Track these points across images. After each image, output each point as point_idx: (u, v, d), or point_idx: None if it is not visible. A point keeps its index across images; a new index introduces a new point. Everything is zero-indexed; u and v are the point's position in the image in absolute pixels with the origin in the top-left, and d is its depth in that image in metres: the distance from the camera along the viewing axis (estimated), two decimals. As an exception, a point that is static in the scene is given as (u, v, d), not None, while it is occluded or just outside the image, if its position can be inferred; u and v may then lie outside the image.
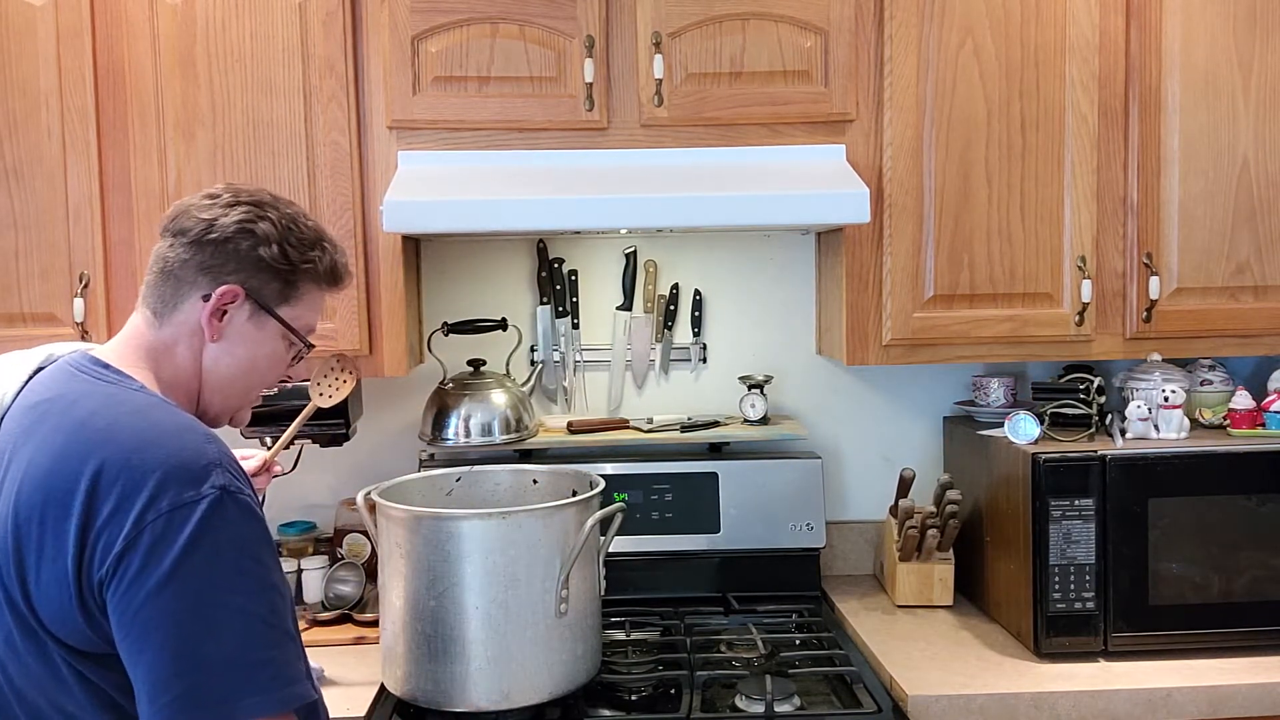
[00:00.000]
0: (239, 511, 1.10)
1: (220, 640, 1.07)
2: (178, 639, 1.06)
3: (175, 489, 1.08)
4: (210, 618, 1.07)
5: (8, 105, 1.97)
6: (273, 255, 1.26)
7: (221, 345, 1.27)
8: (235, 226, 1.25)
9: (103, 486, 1.08)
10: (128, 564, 1.06)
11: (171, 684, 1.05)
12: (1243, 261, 2.08)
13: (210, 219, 1.25)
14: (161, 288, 1.26)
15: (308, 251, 1.30)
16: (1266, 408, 2.04)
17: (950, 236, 2.07)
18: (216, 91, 1.98)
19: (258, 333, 1.28)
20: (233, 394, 1.31)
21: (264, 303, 1.28)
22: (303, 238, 1.30)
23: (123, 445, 1.10)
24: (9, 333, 2.00)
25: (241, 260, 1.26)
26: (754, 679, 1.80)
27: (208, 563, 1.07)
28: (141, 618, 1.06)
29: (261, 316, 1.28)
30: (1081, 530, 1.88)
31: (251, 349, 1.29)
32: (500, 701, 1.65)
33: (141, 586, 1.06)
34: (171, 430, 1.14)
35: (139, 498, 1.07)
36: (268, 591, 1.11)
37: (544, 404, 2.44)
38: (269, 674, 1.08)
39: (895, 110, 2.05)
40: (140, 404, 1.18)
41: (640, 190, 1.90)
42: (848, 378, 2.45)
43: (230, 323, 1.27)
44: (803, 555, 2.28)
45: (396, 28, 1.98)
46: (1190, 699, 1.76)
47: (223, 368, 1.28)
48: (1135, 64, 2.07)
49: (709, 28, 2.01)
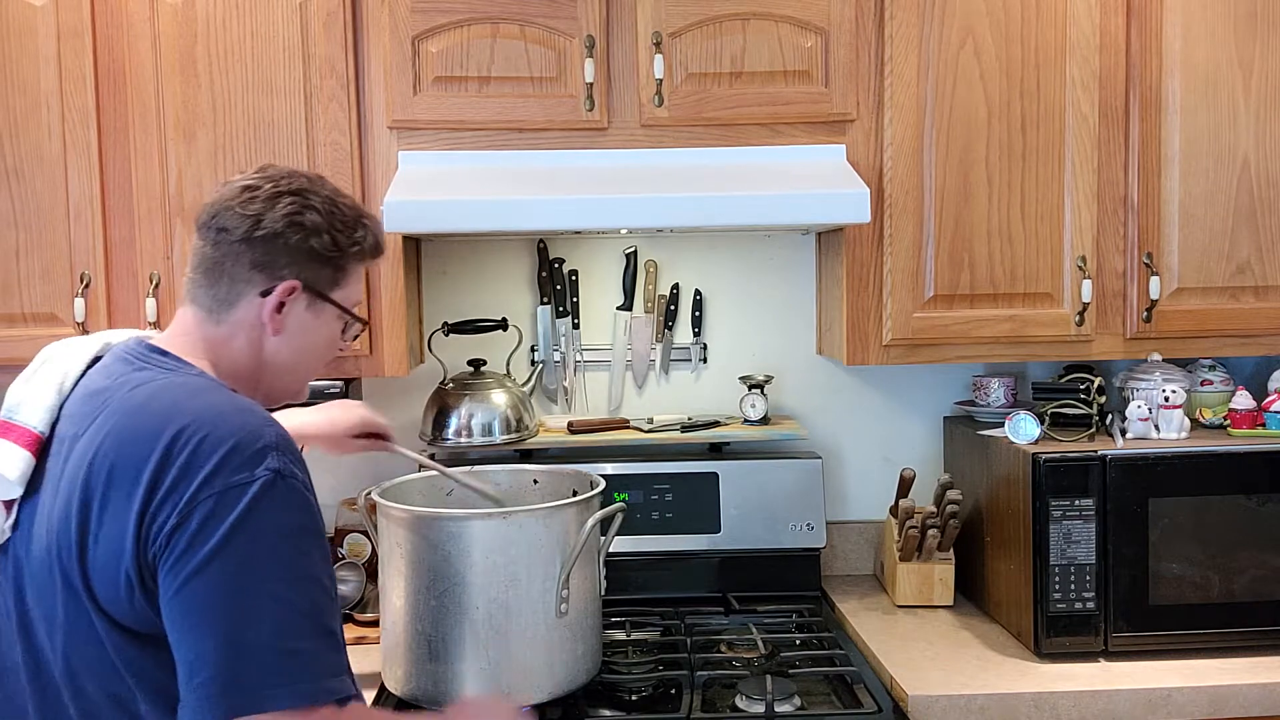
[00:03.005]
0: (289, 497, 1.11)
1: (255, 626, 1.07)
2: (213, 620, 1.07)
3: (230, 468, 1.09)
4: (247, 602, 1.07)
5: (8, 105, 1.98)
6: (324, 245, 1.27)
7: (282, 336, 1.29)
8: (284, 221, 1.25)
9: (171, 457, 1.09)
10: (177, 540, 1.08)
11: (204, 665, 1.06)
12: (1243, 261, 2.08)
13: (255, 214, 1.25)
14: (213, 286, 1.27)
15: (353, 234, 1.31)
16: (1267, 408, 2.04)
17: (950, 236, 2.07)
18: (217, 91, 1.98)
19: (315, 320, 1.31)
20: (296, 379, 1.35)
21: (320, 291, 1.30)
22: (346, 220, 1.31)
23: (188, 421, 1.12)
24: (9, 333, 2.00)
25: (293, 253, 1.27)
26: (754, 679, 1.80)
27: (250, 545, 1.08)
28: (183, 595, 1.07)
29: (319, 304, 1.30)
30: (1082, 530, 1.88)
31: (311, 336, 1.31)
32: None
33: (186, 564, 1.07)
34: (232, 410, 1.15)
35: (198, 474, 1.08)
36: (306, 583, 1.11)
37: (544, 404, 2.44)
38: (300, 665, 1.08)
39: (895, 110, 2.05)
40: (200, 386, 1.20)
41: (640, 190, 1.90)
42: (848, 378, 2.45)
43: (289, 314, 1.28)
44: (803, 555, 2.29)
45: (397, 28, 1.98)
46: (1191, 699, 1.76)
47: (285, 357, 1.30)
48: (1135, 64, 2.06)
49: (709, 28, 2.01)
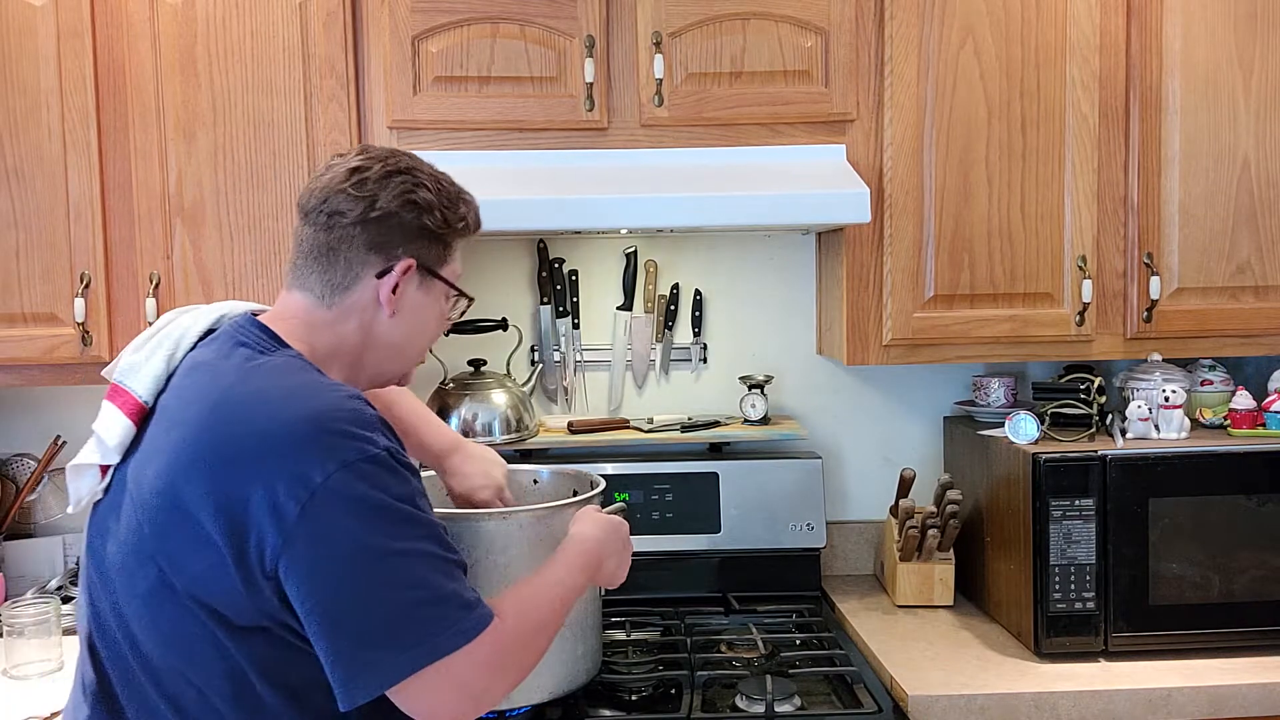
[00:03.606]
0: (373, 476, 1.11)
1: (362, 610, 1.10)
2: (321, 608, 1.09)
3: (312, 457, 1.09)
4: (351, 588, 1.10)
5: (8, 105, 1.98)
6: (435, 222, 1.28)
7: (396, 317, 1.28)
8: (399, 200, 1.26)
9: (245, 458, 1.10)
10: (288, 535, 1.08)
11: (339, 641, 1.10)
12: (1243, 261, 2.08)
13: (370, 196, 1.25)
14: (327, 271, 1.26)
15: (458, 209, 1.32)
16: (1267, 408, 2.04)
17: (950, 236, 2.07)
18: (217, 91, 1.99)
19: (425, 297, 1.31)
20: (405, 360, 1.35)
21: (431, 268, 1.30)
22: (451, 196, 1.32)
23: (261, 419, 1.12)
24: (9, 333, 2.00)
25: (408, 232, 1.27)
26: (754, 679, 1.80)
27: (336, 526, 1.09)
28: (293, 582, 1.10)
29: (430, 282, 1.30)
30: (1082, 530, 1.88)
31: (422, 314, 1.31)
32: (500, 701, 1.65)
33: (287, 552, 1.08)
34: (320, 395, 1.16)
35: (284, 470, 1.09)
36: (397, 558, 1.12)
37: (544, 404, 2.44)
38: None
39: (895, 110, 2.05)
40: (282, 379, 1.19)
41: (640, 190, 1.90)
42: (848, 378, 2.45)
43: (403, 294, 1.28)
44: (803, 555, 2.29)
45: (397, 28, 1.98)
46: (1191, 699, 1.76)
47: (397, 337, 1.30)
48: (1136, 64, 2.07)
49: (709, 27, 2.02)
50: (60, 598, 2.03)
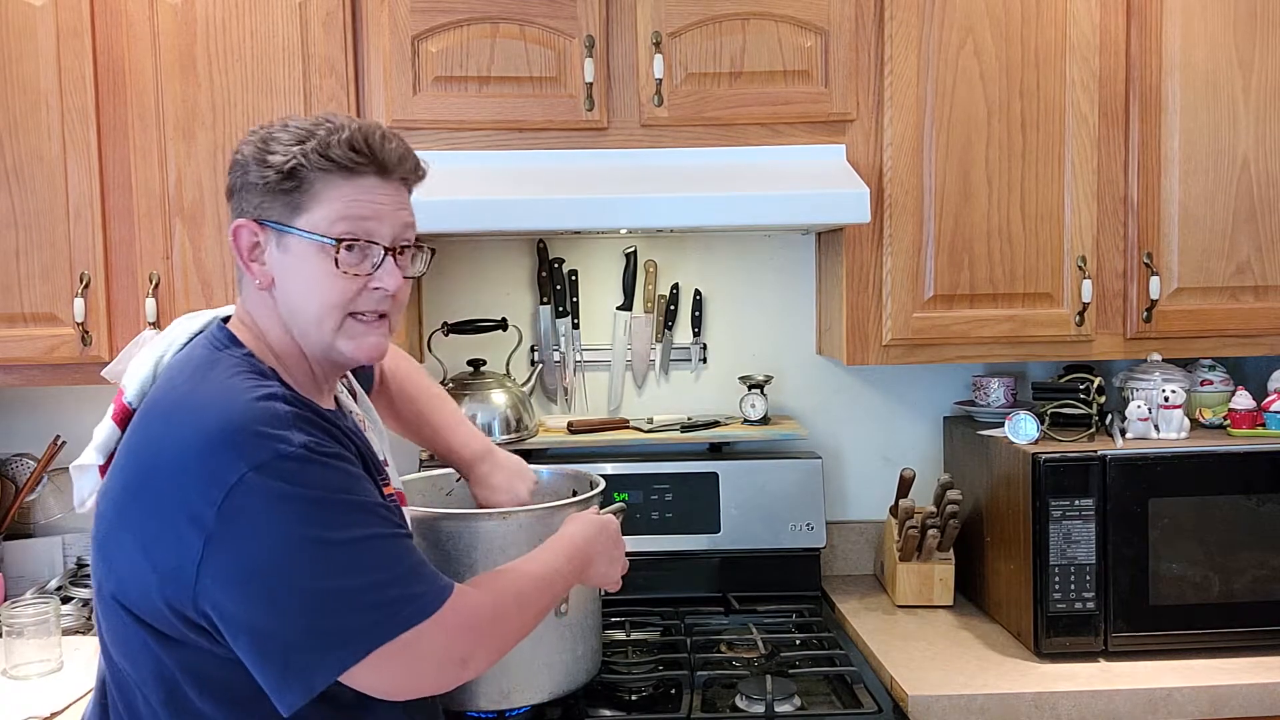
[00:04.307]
0: (291, 475, 1.09)
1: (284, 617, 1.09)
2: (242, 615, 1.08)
3: (229, 464, 1.07)
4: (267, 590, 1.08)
5: (8, 105, 1.97)
6: (261, 175, 1.17)
7: (278, 286, 1.20)
8: (233, 165, 1.22)
9: (162, 470, 1.10)
10: (208, 541, 1.07)
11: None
12: (1243, 261, 2.08)
13: (230, 165, 1.23)
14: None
15: (291, 148, 1.16)
16: (1267, 408, 2.04)
17: (950, 236, 2.07)
18: (217, 91, 1.98)
19: (288, 257, 1.19)
20: (318, 324, 1.20)
21: (278, 223, 1.18)
22: (286, 140, 1.17)
23: (175, 429, 1.12)
24: (9, 333, 2.00)
25: (242, 197, 1.20)
26: (754, 679, 1.80)
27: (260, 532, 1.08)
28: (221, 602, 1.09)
29: (285, 238, 1.18)
30: (1082, 530, 1.88)
31: (299, 273, 1.19)
32: (500, 701, 1.65)
33: (213, 570, 1.07)
34: (224, 402, 1.13)
35: (200, 479, 1.07)
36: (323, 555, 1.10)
37: (544, 404, 2.44)
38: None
39: (895, 110, 2.05)
40: (203, 385, 1.16)
41: (640, 190, 1.90)
42: (848, 378, 2.45)
43: (269, 261, 1.20)
44: (803, 555, 2.28)
45: (397, 28, 1.98)
46: (1191, 699, 1.76)
47: (295, 303, 1.20)
48: (1135, 64, 2.07)
49: (709, 27, 2.01)
50: (60, 598, 2.03)
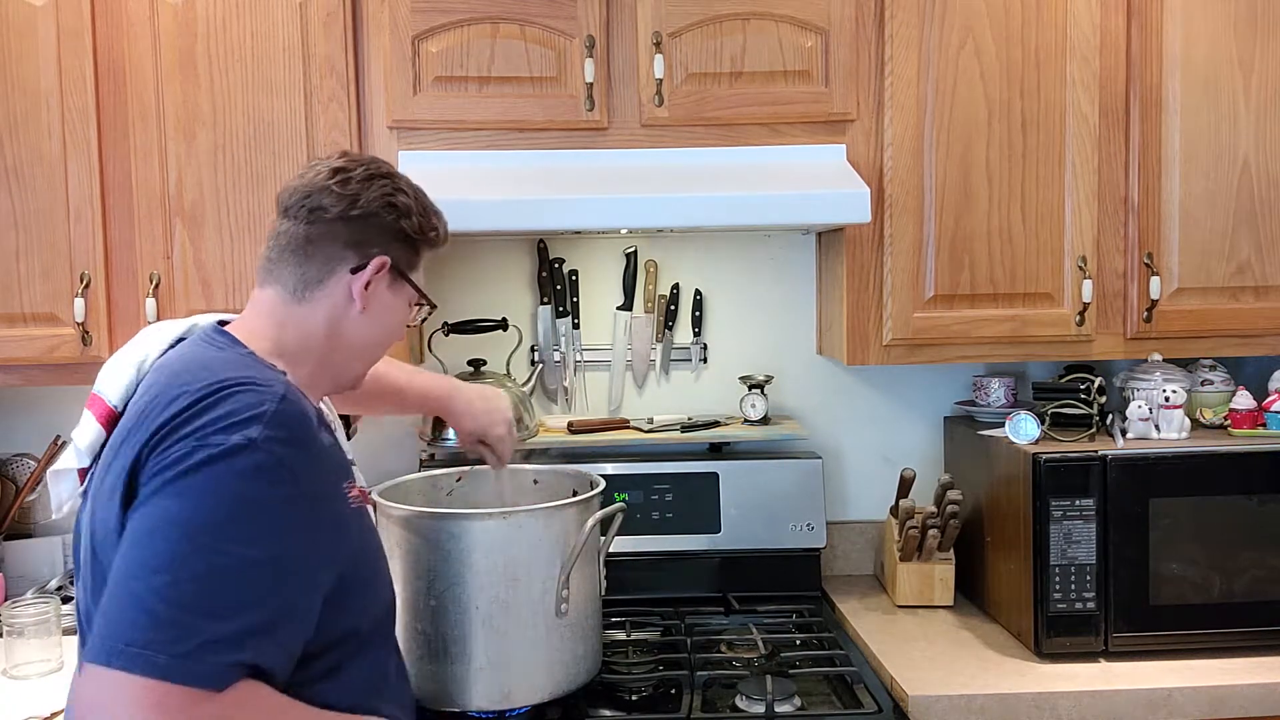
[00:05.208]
0: (260, 468, 1.08)
1: (147, 579, 1.04)
2: (122, 559, 1.07)
3: (213, 427, 1.08)
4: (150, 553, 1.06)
5: (8, 105, 1.97)
6: (412, 227, 1.32)
7: (365, 315, 1.31)
8: (380, 201, 1.30)
9: (164, 414, 1.11)
10: (143, 494, 1.09)
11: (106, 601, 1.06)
12: (1243, 261, 2.08)
13: (353, 194, 1.29)
14: (303, 265, 1.29)
15: (431, 219, 1.37)
16: (1267, 408, 2.04)
17: (951, 236, 2.07)
18: (217, 91, 1.98)
19: (394, 299, 1.35)
20: (365, 361, 1.37)
21: (402, 271, 1.34)
22: (428, 207, 1.37)
23: (188, 381, 1.13)
24: (9, 333, 2.00)
25: (384, 232, 1.31)
26: (754, 679, 1.80)
27: (190, 500, 1.07)
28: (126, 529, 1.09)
29: (399, 284, 1.34)
30: (1082, 530, 1.88)
31: (389, 315, 1.35)
32: (500, 701, 1.65)
33: (141, 502, 1.08)
34: (236, 371, 1.16)
35: (183, 428, 1.09)
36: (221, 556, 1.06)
37: (544, 404, 2.44)
38: (170, 635, 1.02)
39: (896, 110, 2.05)
40: (220, 356, 1.21)
41: (640, 190, 1.90)
42: (848, 378, 2.45)
43: (374, 292, 1.31)
44: (803, 555, 2.28)
45: (397, 27, 1.98)
46: (1191, 699, 1.76)
47: (365, 334, 1.33)
48: (1136, 64, 2.07)
49: (709, 27, 2.01)
50: (60, 598, 2.03)
